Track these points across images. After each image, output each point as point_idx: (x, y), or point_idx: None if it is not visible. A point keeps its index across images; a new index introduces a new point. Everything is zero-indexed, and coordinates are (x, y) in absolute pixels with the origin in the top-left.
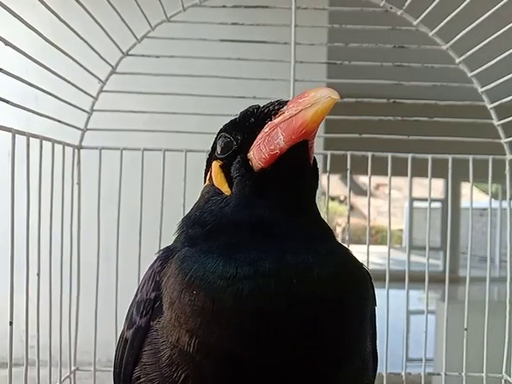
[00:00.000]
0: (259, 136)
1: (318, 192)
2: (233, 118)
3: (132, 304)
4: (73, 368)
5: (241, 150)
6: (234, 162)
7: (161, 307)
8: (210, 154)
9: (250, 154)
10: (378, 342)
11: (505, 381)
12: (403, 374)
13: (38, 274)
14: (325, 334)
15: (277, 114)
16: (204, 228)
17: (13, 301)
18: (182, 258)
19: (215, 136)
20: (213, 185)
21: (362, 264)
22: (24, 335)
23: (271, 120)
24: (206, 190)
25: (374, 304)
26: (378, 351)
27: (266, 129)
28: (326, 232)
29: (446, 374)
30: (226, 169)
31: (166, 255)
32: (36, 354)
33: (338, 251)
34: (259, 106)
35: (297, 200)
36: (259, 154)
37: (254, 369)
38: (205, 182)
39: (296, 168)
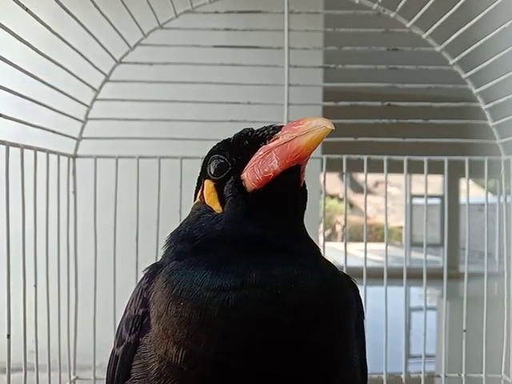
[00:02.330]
0: (253, 158)
1: (316, 191)
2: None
3: (121, 321)
4: (72, 377)
5: (234, 171)
6: (227, 182)
7: (149, 323)
8: (200, 173)
9: (244, 176)
10: (377, 339)
11: (504, 381)
12: (403, 376)
13: (35, 285)
14: (309, 343)
15: (271, 138)
16: (193, 243)
17: (10, 313)
18: (170, 272)
19: (206, 155)
20: (204, 202)
21: (347, 276)
22: (28, 342)
23: (266, 144)
24: (197, 207)
25: (362, 317)
26: (376, 348)
27: (260, 152)
28: (313, 248)
29: (445, 376)
30: (218, 188)
31: (153, 271)
32: (40, 361)
33: (323, 265)
34: (253, 130)
35: (286, 220)
36: (253, 175)
37: (239, 379)
38: (195, 199)
39: (288, 190)
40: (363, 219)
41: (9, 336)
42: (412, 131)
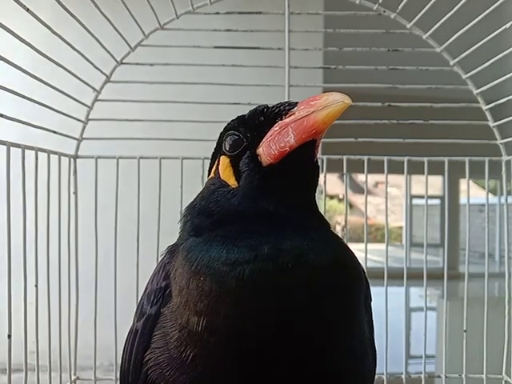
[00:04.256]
0: (269, 134)
1: (317, 191)
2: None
3: (142, 298)
4: (73, 378)
5: (250, 147)
6: (242, 157)
7: (170, 295)
8: (215, 149)
9: (260, 150)
10: (377, 340)
11: (505, 382)
12: (403, 376)
13: (36, 286)
14: (320, 313)
15: (287, 114)
16: (210, 218)
17: (11, 313)
18: (188, 249)
19: (221, 132)
20: (219, 178)
21: (355, 255)
22: (29, 342)
23: (282, 119)
24: (212, 182)
25: (370, 298)
26: (376, 348)
27: (276, 127)
28: (324, 223)
29: (446, 377)
30: (234, 163)
31: (174, 249)
32: (41, 361)
33: (334, 241)
34: (268, 106)
35: (300, 194)
36: (268, 150)
37: (255, 344)
38: (209, 175)
39: (303, 165)
40: (363, 219)
41: (9, 336)
42: (412, 132)
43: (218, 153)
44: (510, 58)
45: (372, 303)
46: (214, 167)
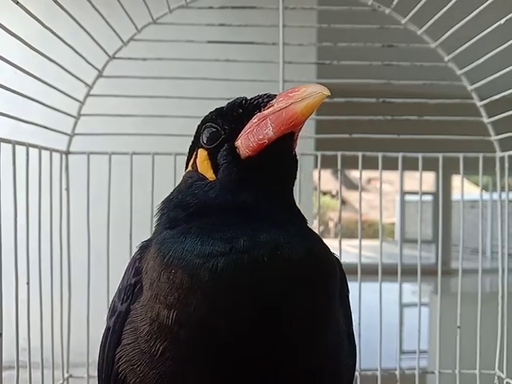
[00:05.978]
0: (247, 126)
1: (310, 187)
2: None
3: (114, 295)
4: (66, 375)
5: (228, 139)
6: (220, 149)
7: (141, 290)
8: (193, 142)
9: (238, 143)
10: (371, 335)
11: (498, 377)
12: (397, 372)
13: (28, 283)
14: (293, 307)
15: (266, 106)
16: (186, 210)
17: (2, 311)
18: (161, 241)
19: (198, 124)
20: (196, 171)
21: (330, 249)
22: (20, 339)
23: (260, 111)
24: (189, 175)
25: (347, 290)
26: (369, 344)
27: (254, 119)
28: (300, 217)
29: (440, 373)
30: (212, 156)
31: (146, 244)
32: (33, 358)
33: (310, 235)
34: (247, 98)
35: (278, 187)
36: (247, 142)
37: (226, 337)
38: (186, 168)
39: (281, 157)
40: (355, 216)
41: (0, 334)
42: (407, 128)
43: (195, 145)
44: (503, 54)
45: (363, 299)
46: (192, 160)
